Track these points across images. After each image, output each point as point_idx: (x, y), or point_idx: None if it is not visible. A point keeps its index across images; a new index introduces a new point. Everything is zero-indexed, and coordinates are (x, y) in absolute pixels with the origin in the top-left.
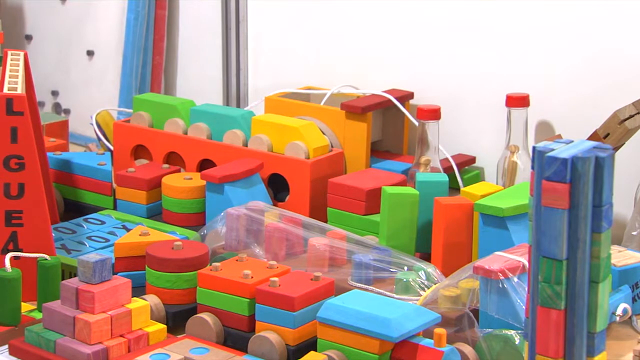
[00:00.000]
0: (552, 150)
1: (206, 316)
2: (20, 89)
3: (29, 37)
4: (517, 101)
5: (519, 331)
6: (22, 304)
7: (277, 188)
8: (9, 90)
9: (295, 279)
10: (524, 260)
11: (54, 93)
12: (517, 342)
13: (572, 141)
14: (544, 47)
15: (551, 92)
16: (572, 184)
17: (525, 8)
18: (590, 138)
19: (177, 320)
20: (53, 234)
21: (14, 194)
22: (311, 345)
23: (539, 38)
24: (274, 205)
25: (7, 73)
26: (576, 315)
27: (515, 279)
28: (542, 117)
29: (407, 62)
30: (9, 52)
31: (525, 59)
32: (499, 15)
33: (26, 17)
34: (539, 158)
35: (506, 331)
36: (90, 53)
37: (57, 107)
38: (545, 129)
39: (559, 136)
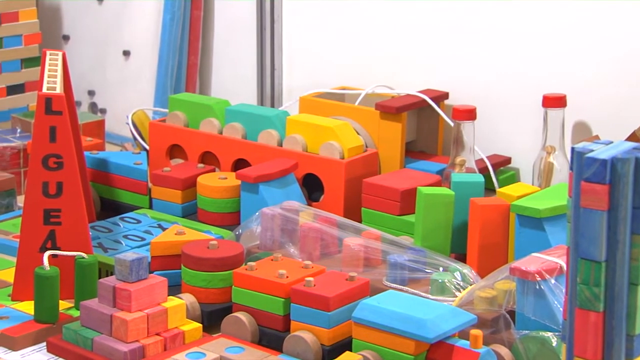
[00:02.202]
0: (592, 151)
1: (241, 315)
2: (58, 89)
3: (66, 37)
4: (554, 101)
5: (556, 333)
6: (60, 301)
7: (312, 188)
8: (47, 89)
9: (331, 279)
10: (562, 262)
11: (91, 93)
12: (554, 344)
13: (611, 142)
14: (580, 47)
15: (588, 92)
16: (611, 185)
17: (561, 7)
18: (629, 139)
19: (212, 319)
20: (90, 233)
21: (53, 193)
22: (346, 345)
23: (576, 38)
24: (309, 205)
25: (46, 73)
26: (615, 317)
27: (553, 281)
28: (579, 118)
29: (442, 62)
30: (48, 52)
31: (561, 58)
32: (535, 15)
33: (64, 18)
34: (578, 159)
35: (543, 333)
36: (126, 53)
37: (93, 107)
38: (582, 130)
39: (597, 137)
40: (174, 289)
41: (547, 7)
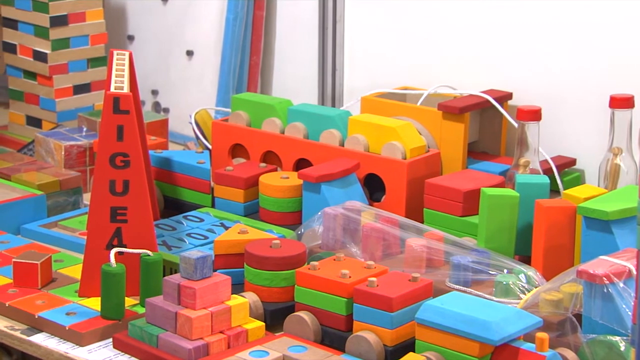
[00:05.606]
0: None
1: (304, 315)
2: (126, 88)
3: (131, 38)
4: (622, 102)
5: (624, 337)
6: (126, 298)
7: (373, 188)
8: (115, 89)
9: (393, 280)
10: (630, 265)
11: (154, 92)
12: (622, 348)
13: None
14: None
15: None
16: None
17: (627, 5)
18: None
19: (274, 318)
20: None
21: (119, 191)
22: (409, 346)
23: None
24: (370, 205)
25: (114, 72)
26: None
27: (621, 284)
28: None
29: (505, 62)
30: (115, 52)
31: (629, 57)
32: (601, 13)
33: (129, 18)
34: None
35: (611, 337)
36: (189, 53)
37: (156, 106)
38: None
39: None
40: (237, 287)
41: (613, 5)
